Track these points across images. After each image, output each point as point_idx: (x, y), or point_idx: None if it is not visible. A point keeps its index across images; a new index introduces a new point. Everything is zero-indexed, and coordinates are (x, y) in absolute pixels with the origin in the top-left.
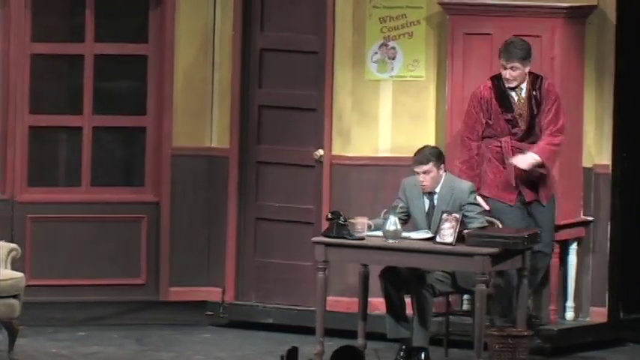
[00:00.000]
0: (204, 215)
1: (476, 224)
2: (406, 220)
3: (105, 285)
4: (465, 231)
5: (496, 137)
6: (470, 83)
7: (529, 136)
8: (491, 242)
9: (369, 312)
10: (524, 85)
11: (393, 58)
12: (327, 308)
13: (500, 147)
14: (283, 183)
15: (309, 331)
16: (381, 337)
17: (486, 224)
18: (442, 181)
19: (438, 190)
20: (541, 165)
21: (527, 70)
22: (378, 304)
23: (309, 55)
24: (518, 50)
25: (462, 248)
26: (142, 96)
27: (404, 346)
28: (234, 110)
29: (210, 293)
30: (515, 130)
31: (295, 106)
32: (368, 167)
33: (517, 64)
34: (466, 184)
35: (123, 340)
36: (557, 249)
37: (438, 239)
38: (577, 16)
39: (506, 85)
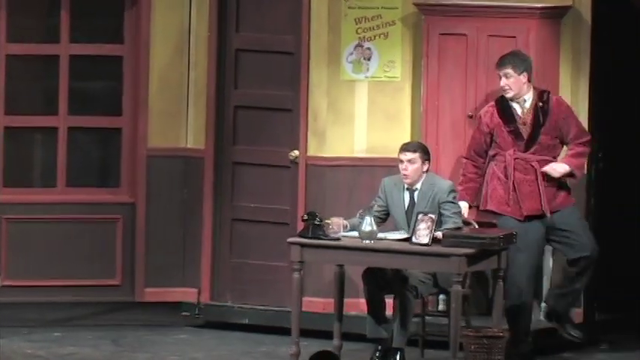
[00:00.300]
0: (179, 216)
1: (450, 224)
2: (384, 218)
3: (80, 286)
4: (439, 233)
5: (502, 153)
6: (445, 83)
7: (532, 146)
8: (468, 243)
9: (344, 312)
10: (527, 97)
11: (369, 59)
12: (303, 309)
13: (505, 161)
14: (259, 183)
15: (284, 331)
16: (357, 337)
17: (461, 225)
18: (424, 177)
19: (418, 186)
20: (570, 174)
21: (523, 79)
22: (353, 304)
23: (284, 55)
24: (510, 57)
25: (438, 249)
26: (118, 97)
27: (380, 347)
28: (209, 111)
29: (186, 294)
30: (518, 141)
31: (271, 106)
32: (343, 168)
33: (509, 71)
34: (446, 183)
35: (98, 340)
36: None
37: (413, 240)
38: (552, 16)
39: (505, 96)
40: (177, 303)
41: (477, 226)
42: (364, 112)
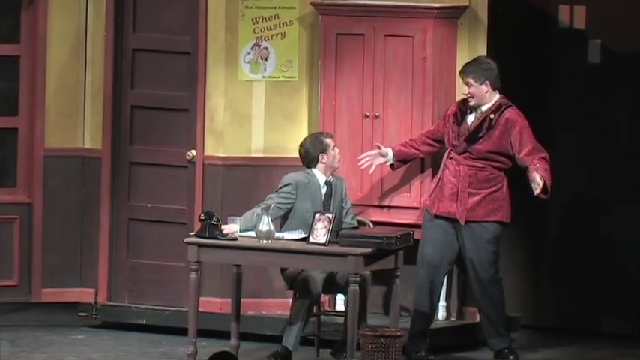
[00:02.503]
0: (77, 216)
1: (349, 218)
2: (286, 212)
3: None
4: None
5: (447, 149)
6: (342, 83)
7: (465, 151)
8: (365, 242)
9: (242, 312)
10: (486, 107)
11: (266, 59)
12: (200, 309)
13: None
14: (156, 184)
15: (182, 331)
16: (254, 337)
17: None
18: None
19: (331, 178)
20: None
21: (484, 88)
22: (251, 304)
23: (181, 55)
24: (472, 67)
25: (335, 248)
26: (14, 97)
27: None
28: (106, 111)
29: (83, 294)
30: (455, 142)
31: (168, 106)
32: (241, 168)
33: (470, 81)
34: (342, 177)
35: None
36: None
37: (311, 239)
38: (449, 16)
39: (468, 103)
40: (74, 303)
41: (372, 226)
42: (261, 112)
